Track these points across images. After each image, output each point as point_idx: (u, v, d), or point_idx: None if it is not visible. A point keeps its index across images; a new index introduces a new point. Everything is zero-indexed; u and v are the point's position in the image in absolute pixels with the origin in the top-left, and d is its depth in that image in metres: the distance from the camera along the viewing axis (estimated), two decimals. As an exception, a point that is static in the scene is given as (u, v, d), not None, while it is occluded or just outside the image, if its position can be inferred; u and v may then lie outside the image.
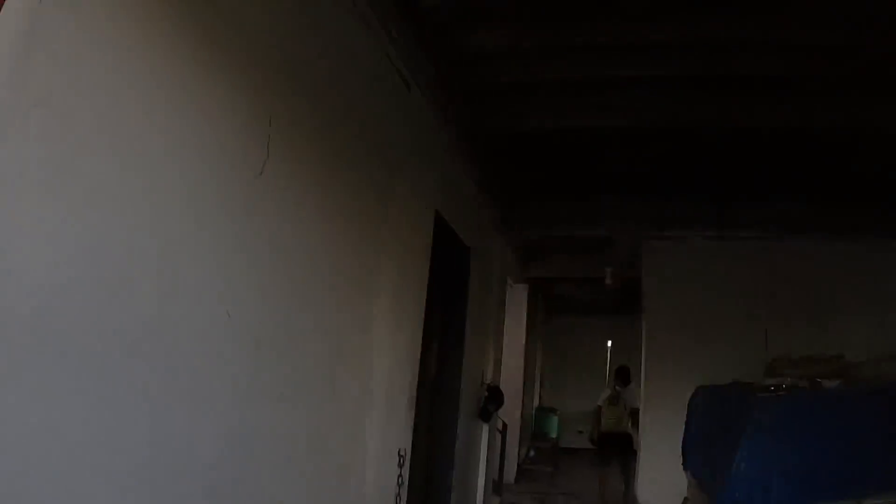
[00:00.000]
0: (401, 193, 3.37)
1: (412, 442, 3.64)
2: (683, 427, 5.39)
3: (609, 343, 12.66)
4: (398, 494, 3.34)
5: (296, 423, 2.30)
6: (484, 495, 5.66)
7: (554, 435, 10.02)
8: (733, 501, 3.63)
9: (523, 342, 9.05)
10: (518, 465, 9.43)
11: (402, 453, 3.36)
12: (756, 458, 3.62)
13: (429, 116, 3.82)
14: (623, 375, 8.36)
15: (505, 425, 7.56)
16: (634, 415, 7.73)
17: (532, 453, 9.76)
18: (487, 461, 5.72)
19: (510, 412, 8.71)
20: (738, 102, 4.35)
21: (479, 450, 5.51)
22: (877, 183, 5.75)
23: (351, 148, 2.75)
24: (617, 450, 7.87)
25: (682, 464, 5.35)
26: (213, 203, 1.79)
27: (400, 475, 3.34)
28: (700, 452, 4.80)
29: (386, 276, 3.12)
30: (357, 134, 2.81)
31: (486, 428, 5.56)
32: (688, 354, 5.67)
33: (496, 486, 7.51)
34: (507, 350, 8.88)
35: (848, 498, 3.66)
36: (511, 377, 8.82)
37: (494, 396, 5.28)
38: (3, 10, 1.03)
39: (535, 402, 10.89)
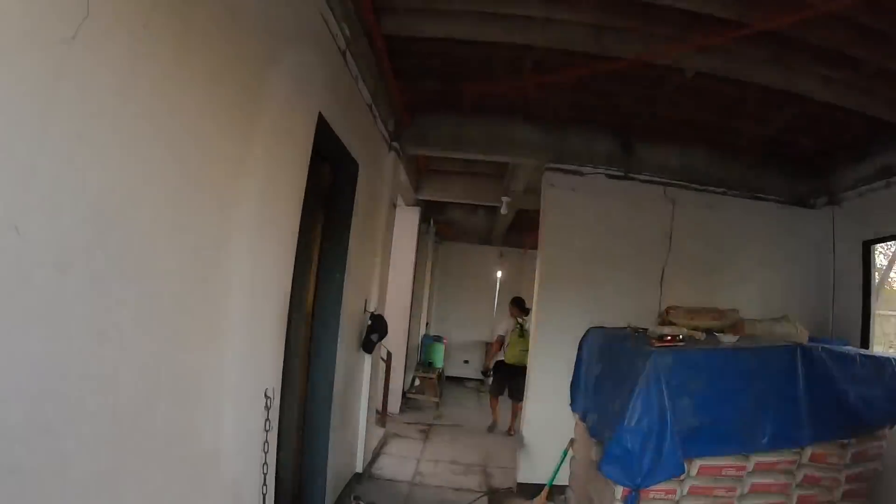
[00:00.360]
0: (277, 86, 2.72)
1: (286, 379, 3.17)
2: (573, 367, 5.35)
3: (499, 274, 12.71)
4: (266, 442, 2.88)
5: (125, 364, 1.72)
6: (366, 430, 5.35)
7: (440, 365, 9.94)
8: (623, 451, 3.53)
9: (412, 268, 8.71)
10: (403, 394, 9.30)
11: (269, 394, 2.87)
12: (648, 409, 3.51)
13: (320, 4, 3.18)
14: (522, 306, 8.38)
15: (389, 355, 7.28)
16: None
17: (418, 383, 9.64)
18: (370, 394, 5.38)
19: (396, 341, 8.45)
20: (656, 37, 4.04)
21: (360, 383, 5.13)
22: (788, 149, 5.88)
23: (213, 21, 2.08)
24: (513, 381, 8.05)
25: (570, 404, 5.31)
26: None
27: (267, 419, 2.87)
28: (589, 396, 4.72)
29: (251, 180, 2.52)
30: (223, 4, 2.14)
31: (368, 359, 5.18)
32: (581, 294, 5.55)
33: (380, 419, 7.29)
34: (395, 276, 8.50)
35: (737, 453, 3.70)
36: (398, 304, 8.51)
37: (378, 326, 4.87)
38: None
39: (422, 331, 10.72)
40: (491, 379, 8.48)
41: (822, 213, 6.03)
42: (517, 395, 7.93)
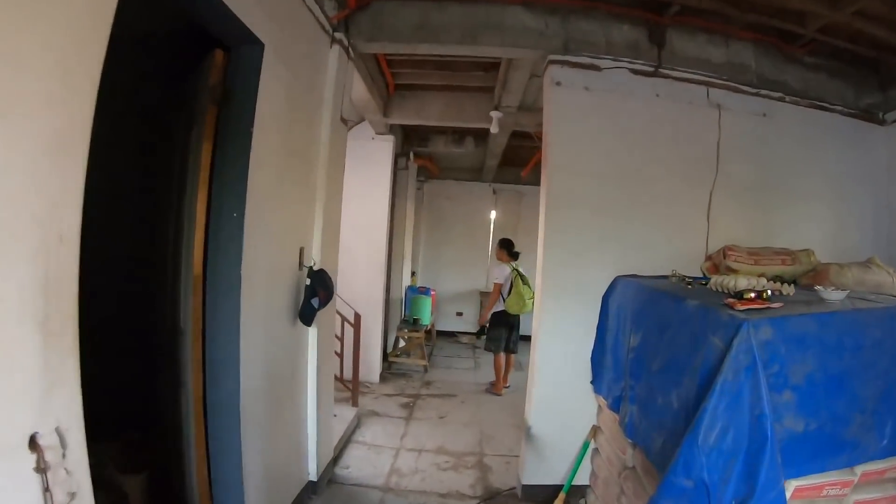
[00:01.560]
0: None
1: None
2: (595, 332, 4.01)
3: (493, 214, 11.27)
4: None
5: None
6: (320, 422, 4.03)
7: (427, 322, 8.60)
8: (697, 482, 2.17)
9: (387, 211, 7.25)
10: (385, 359, 8.02)
11: (58, 433, 1.51)
12: (736, 415, 2.13)
13: None
14: (511, 248, 7.19)
15: (359, 317, 5.91)
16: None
17: (402, 344, 8.33)
18: (321, 377, 4.02)
19: (371, 297, 7.12)
20: None
21: (301, 365, 3.77)
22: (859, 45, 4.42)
23: None
24: (514, 332, 7.26)
25: (592, 381, 3.99)
26: None
27: (45, 476, 1.51)
28: (620, 375, 3.37)
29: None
30: None
31: (312, 332, 3.81)
32: (602, 232, 4.11)
33: (351, 396, 6.00)
34: (364, 221, 7.12)
35: (849, 465, 2.38)
36: (371, 255, 7.15)
37: (321, 286, 3.46)
38: None
39: (406, 283, 9.33)
40: (486, 335, 7.22)
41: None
42: (515, 346, 7.30)
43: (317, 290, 3.40)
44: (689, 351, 2.56)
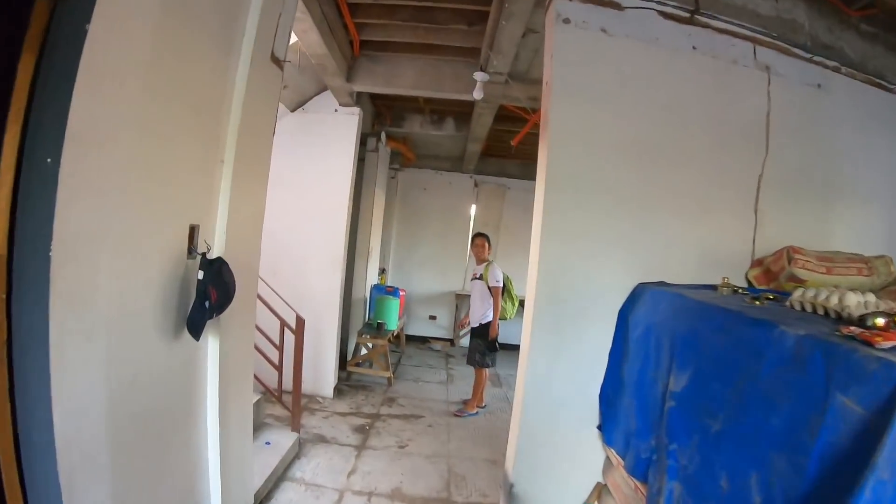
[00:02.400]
0: None
1: None
2: (608, 359, 3.01)
3: (473, 209, 10.24)
4: None
5: None
6: (224, 461, 2.93)
7: (394, 326, 7.50)
8: None
9: (348, 198, 6.15)
10: (343, 367, 6.94)
11: None
12: None
13: None
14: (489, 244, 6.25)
15: (300, 321, 4.80)
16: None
17: (364, 351, 7.23)
18: (226, 406, 2.92)
19: (323, 296, 6.06)
20: None
21: (193, 394, 2.65)
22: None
23: None
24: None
25: (600, 426, 2.97)
26: None
27: None
28: (653, 429, 2.35)
29: None
30: None
31: (213, 346, 2.70)
32: (617, 226, 3.08)
33: (292, 417, 4.90)
34: (322, 208, 6.06)
35: None
36: (326, 248, 6.07)
37: (217, 284, 2.37)
38: None
39: (373, 280, 8.23)
40: (475, 349, 6.18)
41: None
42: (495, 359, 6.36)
43: (208, 290, 2.31)
44: (787, 412, 1.56)
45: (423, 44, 5.17)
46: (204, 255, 2.39)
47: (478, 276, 6.19)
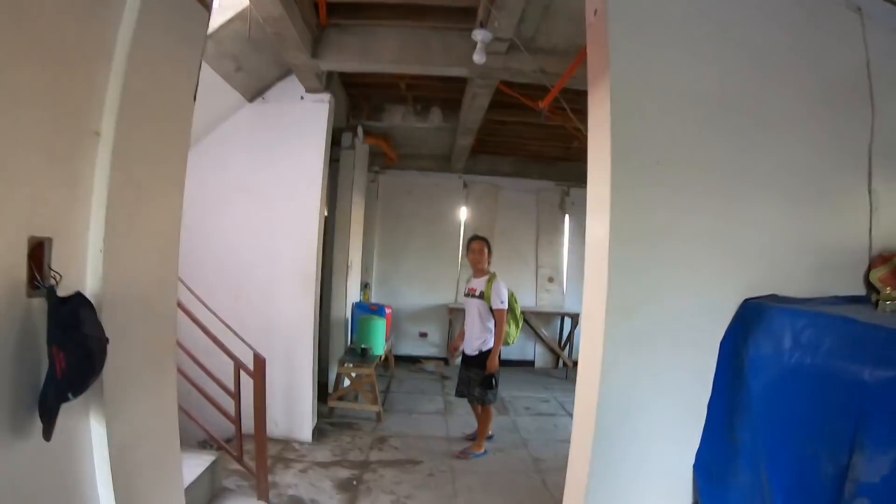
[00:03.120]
0: None
1: None
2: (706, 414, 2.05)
3: (463, 212, 9.28)
4: None
5: None
6: None
7: (380, 351, 6.48)
8: None
9: (319, 203, 5.14)
10: (324, 400, 5.93)
11: None
12: None
13: None
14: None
15: (260, 361, 3.76)
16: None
17: (347, 383, 6.21)
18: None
19: (294, 322, 5.09)
20: None
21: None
22: None
23: None
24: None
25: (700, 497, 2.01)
26: None
27: None
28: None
29: None
30: None
31: (96, 438, 1.69)
32: (705, 220, 2.11)
33: (257, 482, 3.88)
34: (288, 219, 5.09)
35: None
36: (296, 265, 5.10)
37: (65, 341, 1.36)
38: None
39: (354, 298, 7.20)
40: (485, 385, 5.08)
41: None
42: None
43: (52, 351, 1.31)
44: None
45: (405, 4, 4.21)
46: (51, 290, 1.39)
47: (476, 292, 5.15)
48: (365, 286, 8.67)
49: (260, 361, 3.61)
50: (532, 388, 7.71)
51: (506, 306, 4.99)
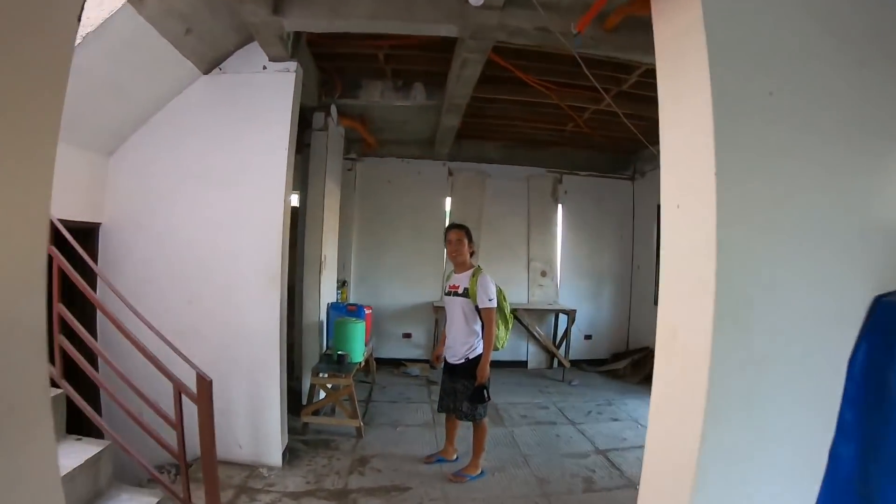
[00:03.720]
0: None
1: None
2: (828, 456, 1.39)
3: (448, 202, 8.63)
4: None
5: None
6: None
7: (360, 358, 5.79)
8: None
9: (284, 191, 4.42)
10: (294, 413, 5.25)
11: None
12: None
13: None
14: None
15: (205, 383, 3.01)
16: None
17: (323, 395, 5.53)
18: None
19: (255, 328, 4.42)
20: None
21: None
22: None
23: None
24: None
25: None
26: None
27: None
28: None
29: None
30: None
31: None
32: (830, 187, 1.46)
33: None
34: (248, 209, 4.42)
35: None
36: (258, 262, 4.41)
37: None
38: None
39: (329, 297, 6.50)
40: (475, 397, 4.39)
41: None
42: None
43: None
44: None
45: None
46: None
47: (460, 290, 4.46)
48: (342, 284, 7.99)
49: (205, 384, 2.91)
50: (527, 393, 7.08)
51: (495, 304, 4.31)
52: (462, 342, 4.40)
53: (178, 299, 4.41)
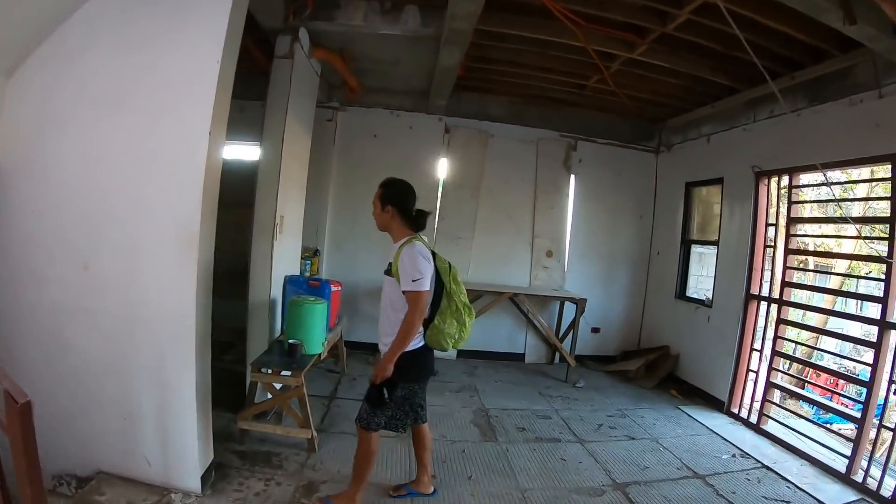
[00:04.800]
0: None
1: None
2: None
3: (443, 165, 7.44)
4: None
5: None
6: None
7: (318, 350, 4.62)
8: None
9: (207, 121, 3.16)
10: (230, 412, 4.15)
11: None
12: None
13: None
14: (412, 204, 3.48)
15: (17, 406, 1.84)
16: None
17: (269, 396, 4.38)
18: None
19: (171, 309, 3.25)
20: None
21: None
22: None
23: None
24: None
25: None
26: None
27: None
28: None
29: None
30: None
31: None
32: None
33: None
34: (159, 139, 3.20)
35: None
36: (170, 214, 3.22)
37: None
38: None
39: (286, 269, 5.24)
40: (374, 399, 3.31)
41: None
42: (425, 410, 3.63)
43: None
44: None
45: None
46: None
47: (386, 266, 3.39)
48: (314, 253, 6.84)
49: (18, 407, 1.75)
50: (525, 396, 5.98)
51: (423, 288, 3.14)
52: (387, 333, 3.30)
53: (69, 265, 3.26)
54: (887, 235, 4.32)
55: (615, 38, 5.07)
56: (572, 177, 7.64)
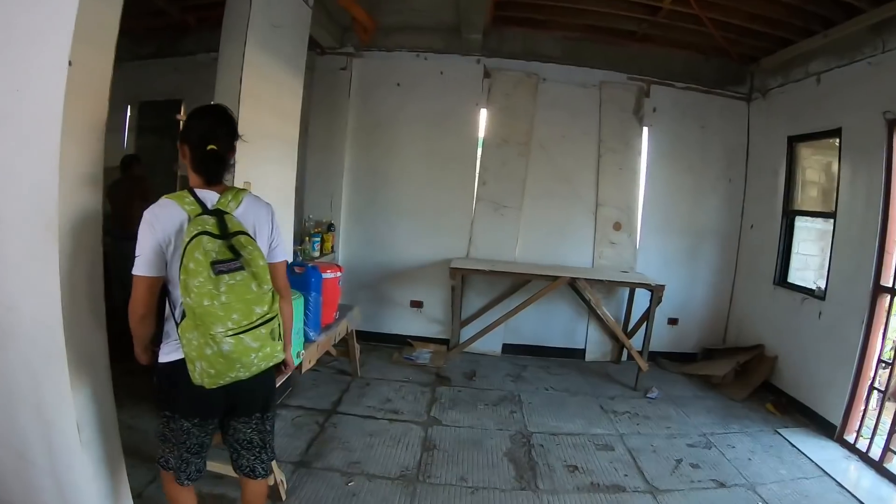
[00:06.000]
0: None
1: None
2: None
3: (483, 118, 6.18)
4: None
5: None
6: None
7: (299, 349, 3.51)
8: None
9: (65, 53, 2.08)
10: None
11: None
12: None
13: None
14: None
15: None
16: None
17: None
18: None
19: (41, 317, 2.10)
20: None
21: None
22: None
23: None
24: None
25: None
26: None
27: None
28: None
29: None
30: None
31: None
32: None
33: None
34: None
35: None
36: (30, 189, 2.07)
37: None
38: None
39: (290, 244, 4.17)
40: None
41: None
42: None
43: None
44: None
45: None
46: None
47: None
48: (328, 229, 5.81)
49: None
50: (582, 411, 4.70)
51: (136, 271, 2.00)
52: None
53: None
54: None
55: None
56: (645, 130, 6.22)
